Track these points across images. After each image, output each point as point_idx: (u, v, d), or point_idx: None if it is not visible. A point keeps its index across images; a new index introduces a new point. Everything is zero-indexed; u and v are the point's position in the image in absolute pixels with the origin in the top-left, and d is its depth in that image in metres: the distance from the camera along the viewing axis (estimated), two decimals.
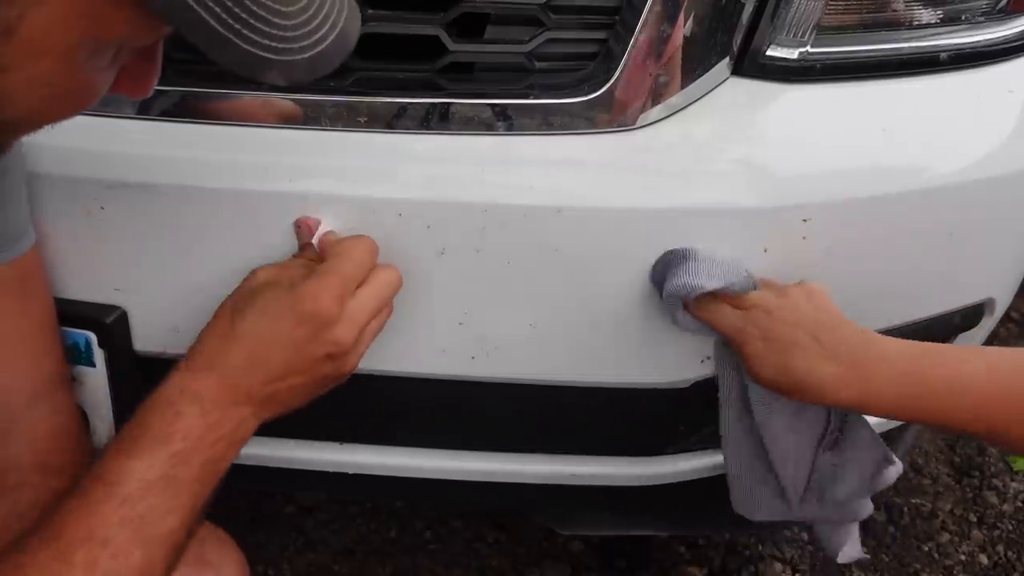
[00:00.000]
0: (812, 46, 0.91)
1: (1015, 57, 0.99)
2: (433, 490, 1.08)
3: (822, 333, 0.82)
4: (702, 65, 0.88)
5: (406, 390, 0.95)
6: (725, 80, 0.90)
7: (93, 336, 0.89)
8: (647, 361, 0.92)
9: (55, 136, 0.64)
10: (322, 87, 0.85)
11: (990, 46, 0.97)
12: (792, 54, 0.90)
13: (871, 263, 0.93)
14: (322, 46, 0.60)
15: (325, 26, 0.60)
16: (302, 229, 0.83)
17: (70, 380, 0.88)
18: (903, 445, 1.28)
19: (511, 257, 0.86)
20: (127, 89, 0.64)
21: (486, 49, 0.87)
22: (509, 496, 1.12)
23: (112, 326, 0.89)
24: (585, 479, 1.06)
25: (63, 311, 0.86)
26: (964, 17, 0.96)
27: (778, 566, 1.59)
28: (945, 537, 1.68)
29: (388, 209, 0.83)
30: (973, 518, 1.73)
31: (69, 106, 0.61)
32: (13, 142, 0.63)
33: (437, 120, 0.85)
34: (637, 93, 0.86)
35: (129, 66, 0.63)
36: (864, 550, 1.06)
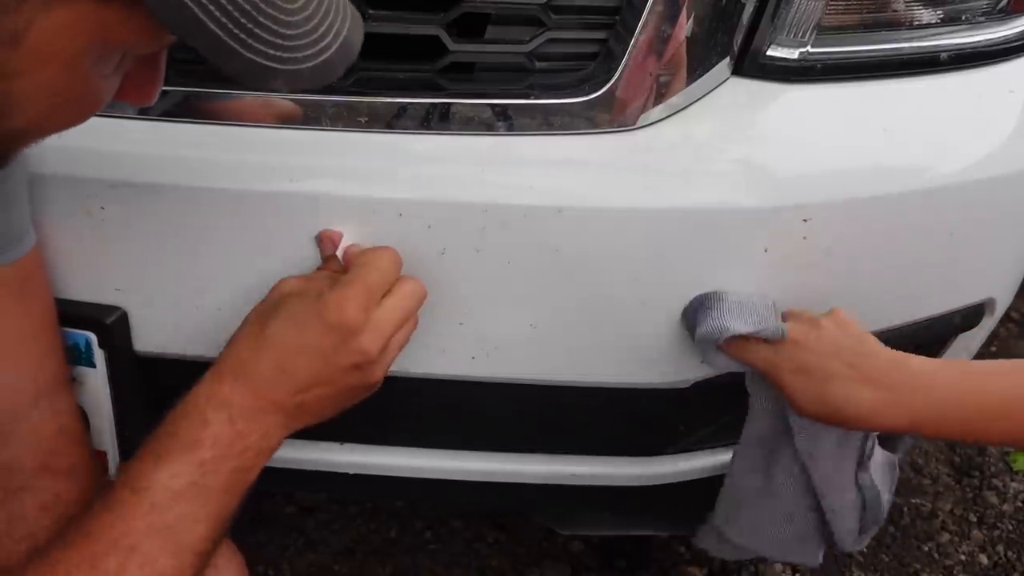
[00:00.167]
0: (812, 46, 0.91)
1: (1016, 57, 0.99)
2: (433, 490, 1.08)
3: (856, 360, 0.82)
4: (702, 65, 0.88)
5: (406, 390, 0.95)
6: (725, 80, 0.90)
7: (93, 336, 0.89)
8: (647, 361, 0.92)
9: (56, 136, 0.64)
10: (322, 87, 0.85)
11: (991, 46, 0.97)
12: (792, 54, 0.90)
13: (871, 263, 0.93)
14: (326, 55, 0.60)
15: (329, 35, 0.60)
16: (324, 242, 0.83)
17: (71, 381, 0.88)
18: (903, 445, 1.28)
19: (511, 257, 0.86)
20: (131, 96, 0.65)
21: (486, 49, 0.87)
22: (509, 496, 1.12)
23: (112, 326, 0.89)
24: (585, 479, 1.06)
25: (63, 311, 0.86)
26: (964, 17, 0.96)
27: (778, 566, 1.59)
28: (945, 537, 1.68)
29: (388, 209, 0.83)
30: (973, 518, 1.73)
31: (74, 113, 0.61)
32: (20, 151, 0.63)
33: (437, 120, 0.85)
34: (637, 93, 0.86)
35: (133, 73, 0.63)
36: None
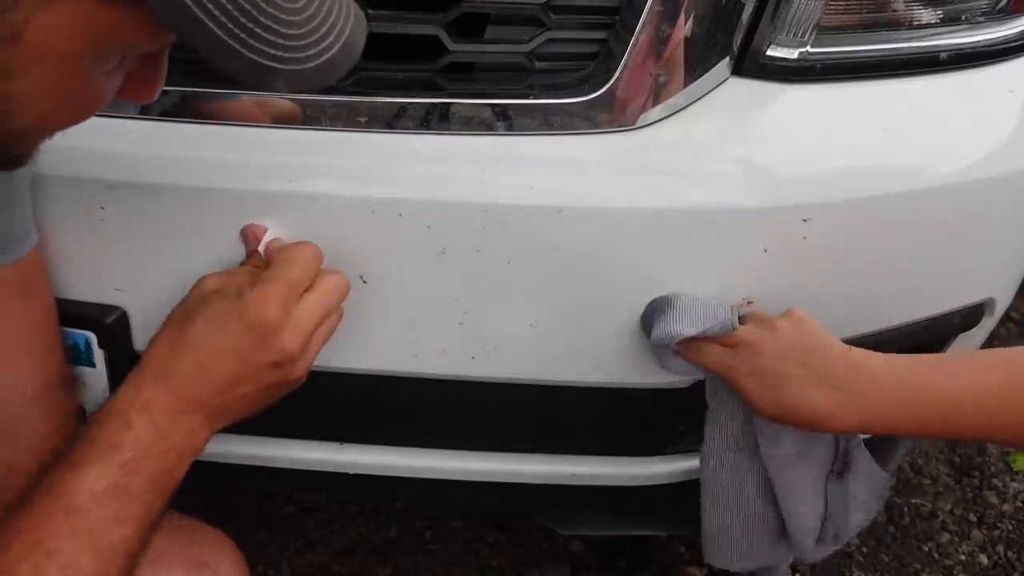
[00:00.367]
0: (812, 46, 0.91)
1: (1015, 57, 0.99)
2: (433, 490, 1.08)
3: (811, 360, 0.82)
4: (702, 65, 0.88)
5: (406, 390, 0.95)
6: (725, 80, 0.90)
7: (93, 336, 0.89)
8: (647, 361, 0.92)
9: (56, 136, 0.64)
10: (322, 87, 0.85)
11: (990, 46, 0.97)
12: (792, 54, 0.90)
13: (871, 263, 0.93)
14: (328, 55, 0.60)
15: (331, 35, 0.60)
16: (248, 236, 0.83)
17: (70, 380, 0.88)
18: (903, 448, 1.28)
19: (511, 257, 0.86)
20: (132, 94, 0.64)
21: (486, 49, 0.87)
22: (509, 496, 1.12)
23: (112, 326, 0.89)
24: (585, 479, 1.06)
25: (63, 311, 0.86)
26: (964, 17, 0.96)
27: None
28: (945, 537, 1.68)
29: (388, 209, 0.83)
30: (973, 518, 1.73)
31: (75, 112, 0.61)
32: (32, 151, 0.63)
33: (437, 120, 0.85)
34: (637, 93, 0.86)
35: (135, 71, 0.63)
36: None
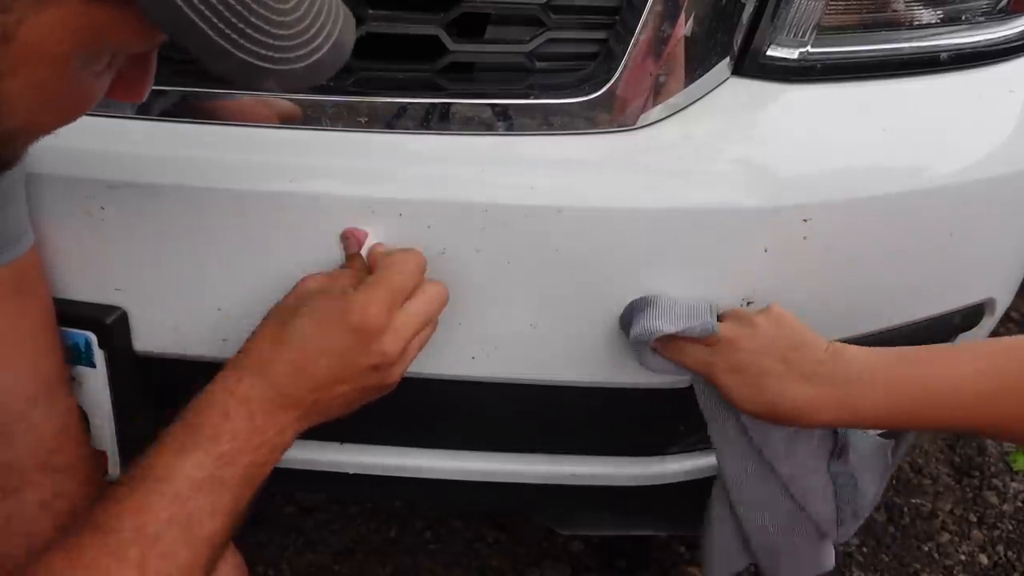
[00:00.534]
0: (812, 46, 0.90)
1: (1015, 57, 0.99)
2: (433, 490, 1.08)
3: (789, 355, 0.81)
4: (702, 65, 0.88)
5: (406, 390, 0.95)
6: (725, 80, 0.90)
7: (93, 336, 0.89)
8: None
9: (55, 136, 0.64)
10: (322, 87, 0.84)
11: (990, 46, 0.97)
12: (792, 54, 0.90)
13: (871, 263, 0.93)
14: (318, 55, 0.61)
15: (320, 36, 0.61)
16: (349, 240, 0.83)
17: (70, 380, 0.88)
18: (903, 446, 1.28)
19: (511, 257, 0.86)
20: (121, 95, 0.65)
21: (486, 49, 0.87)
22: (509, 496, 1.12)
23: (112, 326, 0.89)
24: (585, 479, 1.06)
25: (63, 311, 0.86)
26: (964, 17, 0.96)
27: None
28: (945, 537, 1.68)
29: (388, 209, 0.83)
30: (973, 518, 1.73)
31: (65, 112, 0.61)
32: (22, 152, 0.63)
33: (437, 120, 0.85)
34: (637, 93, 0.86)
35: (124, 72, 0.63)
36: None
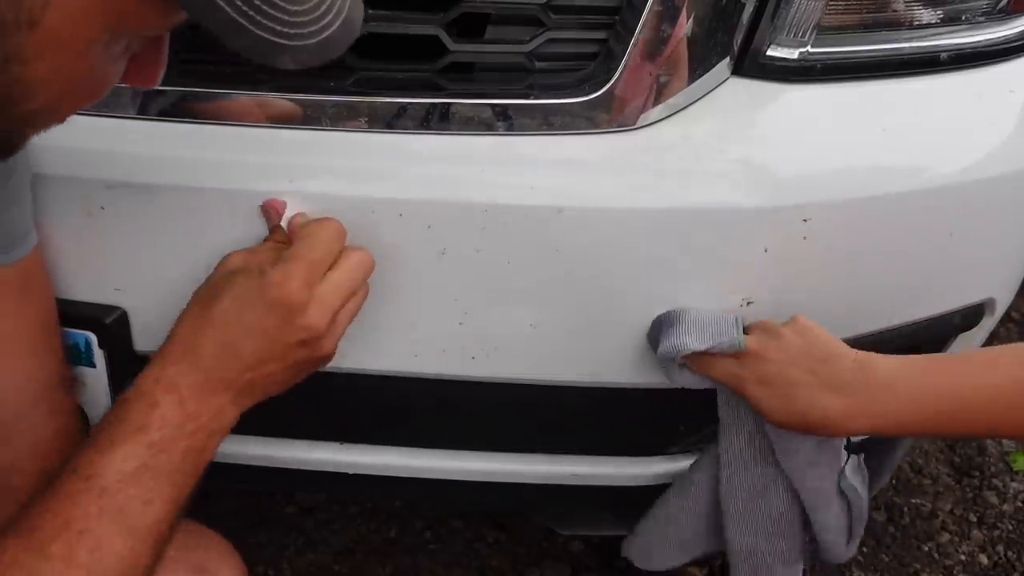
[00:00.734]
0: (812, 46, 0.90)
1: (1016, 57, 0.99)
2: (433, 490, 1.08)
3: (818, 366, 0.82)
4: (702, 65, 0.88)
5: (406, 390, 0.95)
6: (725, 80, 0.90)
7: (93, 336, 0.89)
8: (647, 361, 0.92)
9: (55, 136, 0.64)
10: (322, 87, 0.85)
11: (990, 46, 0.96)
12: (792, 54, 0.90)
13: (871, 263, 0.93)
14: (329, 31, 0.62)
15: (331, 12, 0.62)
16: (269, 212, 0.82)
17: (70, 381, 0.88)
18: (902, 448, 1.28)
19: (511, 257, 0.86)
20: (135, 79, 0.65)
21: (486, 49, 0.87)
22: (509, 496, 1.12)
23: (112, 326, 0.89)
24: (585, 479, 1.06)
25: (63, 311, 0.86)
26: (964, 17, 0.96)
27: None
28: (945, 537, 1.68)
29: (388, 209, 0.83)
30: (973, 518, 1.73)
31: (83, 97, 0.62)
32: (30, 137, 0.64)
33: (437, 120, 0.85)
34: (637, 93, 0.86)
35: (138, 56, 0.63)
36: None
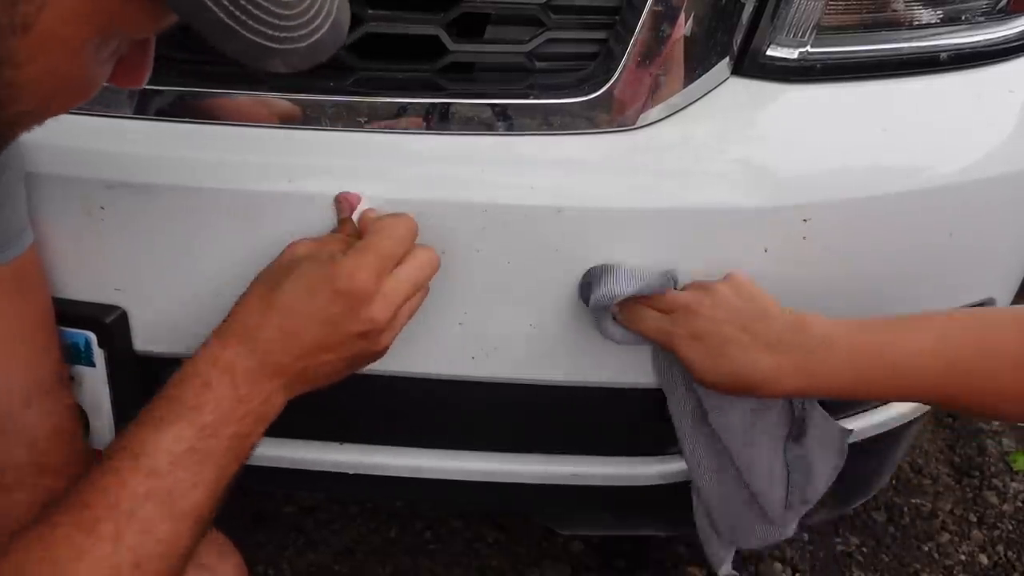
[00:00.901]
0: (812, 46, 0.90)
1: (1015, 57, 0.99)
2: (433, 490, 1.08)
3: (752, 324, 0.81)
4: (702, 65, 0.88)
5: (406, 390, 0.95)
6: (725, 80, 0.90)
7: (93, 336, 0.89)
8: (647, 361, 0.92)
9: (55, 136, 0.64)
10: (322, 87, 0.85)
11: (990, 46, 0.96)
12: (792, 54, 0.90)
13: (871, 263, 0.93)
14: (318, 35, 0.62)
15: (320, 16, 0.62)
16: (342, 204, 0.82)
17: (68, 380, 0.88)
18: (902, 447, 1.28)
19: (511, 257, 0.86)
20: (122, 80, 0.65)
21: (486, 49, 0.87)
22: (509, 496, 1.12)
23: (112, 326, 0.89)
24: (585, 479, 1.06)
25: (63, 311, 0.86)
26: (964, 17, 0.96)
27: (778, 566, 1.59)
28: (945, 537, 1.68)
29: (388, 209, 0.83)
30: (973, 518, 1.73)
31: (72, 98, 0.62)
32: (16, 137, 0.64)
33: (437, 120, 0.85)
34: (637, 93, 0.86)
35: (124, 58, 0.64)
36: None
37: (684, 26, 0.85)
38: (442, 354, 0.91)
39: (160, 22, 0.60)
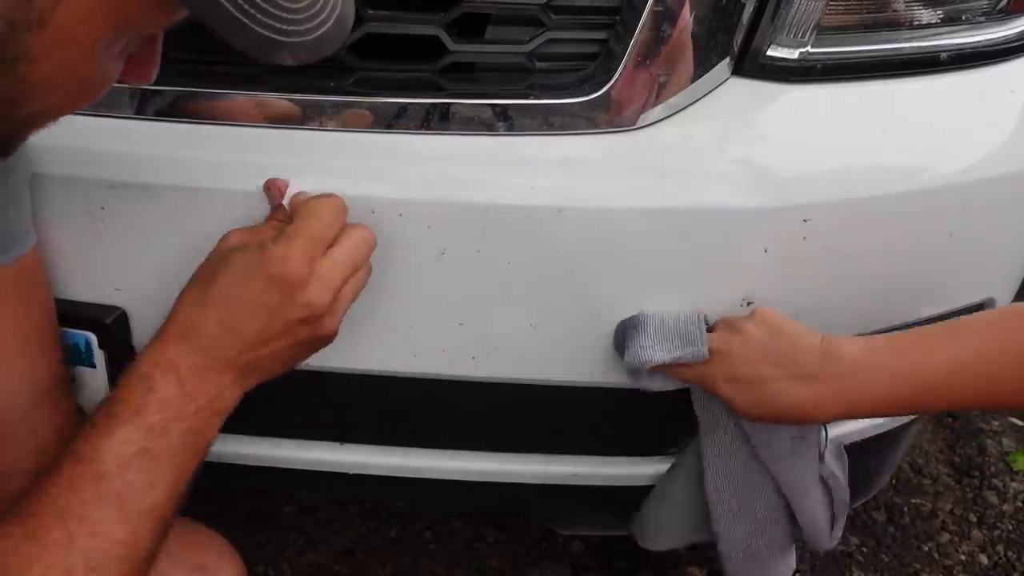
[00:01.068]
0: (812, 46, 0.90)
1: (1016, 57, 0.99)
2: (433, 490, 1.08)
3: (783, 358, 0.83)
4: (702, 65, 0.88)
5: (407, 390, 0.95)
6: (726, 80, 0.90)
7: (93, 337, 0.89)
8: None
9: (56, 136, 0.64)
10: (322, 87, 0.85)
11: (991, 46, 0.96)
12: (792, 54, 0.90)
13: (871, 263, 0.93)
14: (324, 28, 0.63)
15: (326, 10, 0.63)
16: (271, 190, 0.82)
17: (70, 382, 0.88)
18: (903, 447, 1.28)
19: (511, 257, 0.86)
20: (133, 76, 0.65)
21: (486, 49, 0.87)
22: (509, 496, 1.12)
23: (112, 327, 0.89)
24: (585, 479, 1.06)
25: (63, 312, 0.86)
26: (964, 17, 0.96)
27: None
28: (945, 537, 1.68)
29: (388, 209, 0.83)
30: (973, 518, 1.73)
31: (85, 96, 0.62)
32: (29, 135, 0.64)
33: (437, 120, 0.85)
34: (637, 93, 0.86)
35: (134, 55, 0.64)
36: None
37: (684, 26, 0.85)
38: (442, 354, 0.91)
39: (171, 17, 0.61)
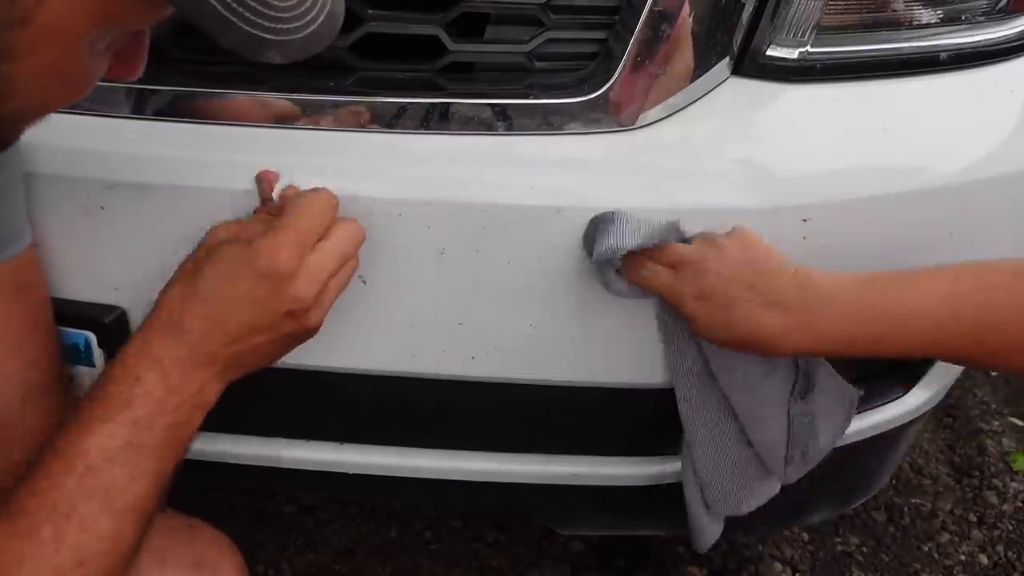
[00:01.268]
0: (812, 46, 0.90)
1: (1015, 57, 0.99)
2: (433, 490, 1.08)
3: (758, 281, 0.79)
4: (702, 65, 0.88)
5: (407, 390, 0.95)
6: (725, 80, 0.90)
7: (92, 336, 0.89)
8: (647, 361, 0.92)
9: (55, 136, 0.64)
10: (322, 87, 0.85)
11: (990, 46, 0.96)
12: (792, 54, 0.90)
13: (871, 263, 0.93)
14: (314, 26, 0.62)
15: (315, 8, 0.62)
16: (262, 183, 0.81)
17: (68, 380, 0.88)
18: (903, 446, 1.28)
19: (511, 257, 0.86)
20: (118, 73, 0.65)
21: (486, 49, 0.87)
22: (509, 496, 1.12)
23: (111, 326, 0.89)
24: (585, 479, 1.06)
25: (62, 311, 0.86)
26: (964, 17, 0.95)
27: (778, 566, 1.59)
28: (945, 537, 1.68)
29: (388, 209, 0.83)
30: (973, 518, 1.73)
31: (71, 92, 0.62)
32: (21, 133, 0.64)
33: (437, 120, 0.85)
34: (637, 93, 0.86)
35: (119, 52, 0.64)
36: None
37: (684, 26, 0.85)
38: (442, 354, 0.91)
39: (156, 14, 0.60)
